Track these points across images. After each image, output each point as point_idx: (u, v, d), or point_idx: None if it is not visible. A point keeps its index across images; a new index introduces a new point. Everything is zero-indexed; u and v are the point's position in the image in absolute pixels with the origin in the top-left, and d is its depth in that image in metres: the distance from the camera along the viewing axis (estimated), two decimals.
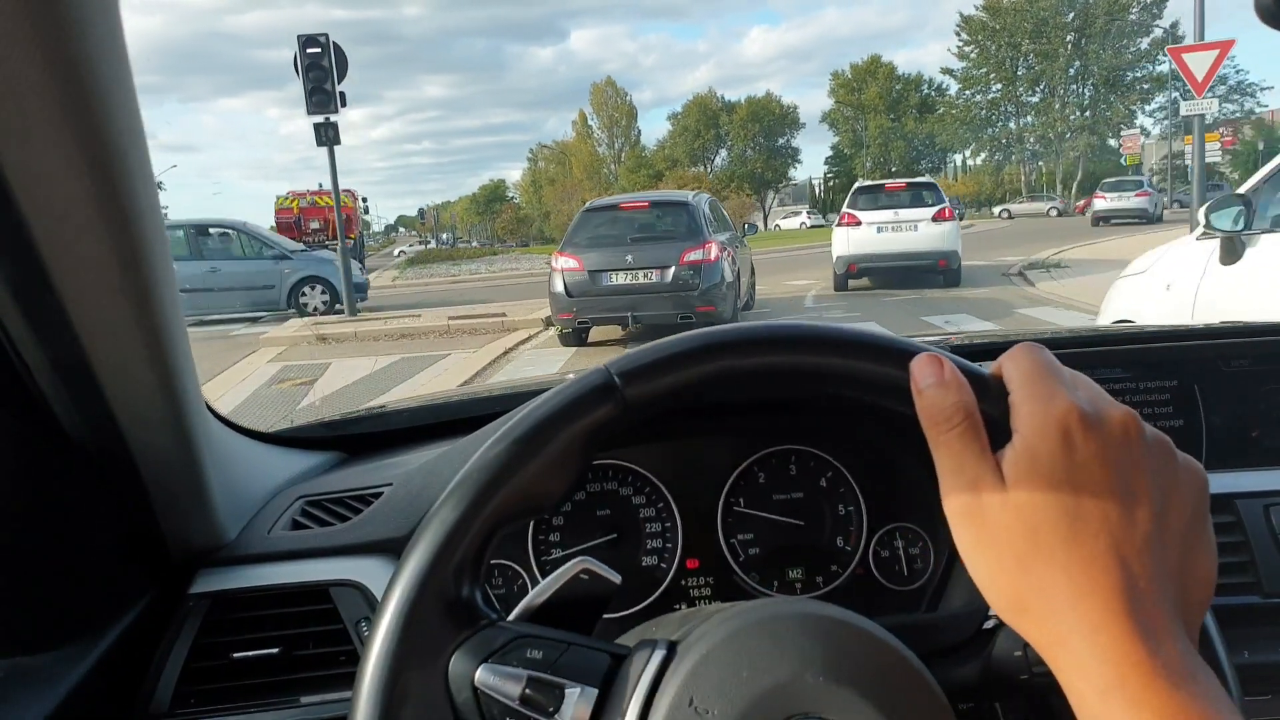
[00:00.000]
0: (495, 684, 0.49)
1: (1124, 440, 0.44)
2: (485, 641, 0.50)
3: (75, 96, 0.47)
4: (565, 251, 9.22)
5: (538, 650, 0.50)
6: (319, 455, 1.15)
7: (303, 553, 0.90)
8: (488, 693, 0.49)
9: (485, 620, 0.51)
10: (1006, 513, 0.44)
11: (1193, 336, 1.10)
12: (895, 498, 1.00)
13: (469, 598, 0.51)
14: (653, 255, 8.91)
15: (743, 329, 0.54)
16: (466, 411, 1.20)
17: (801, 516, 1.00)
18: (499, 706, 0.49)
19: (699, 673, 0.47)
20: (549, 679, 0.49)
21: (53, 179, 0.50)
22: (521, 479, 0.51)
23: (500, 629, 0.51)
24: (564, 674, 0.49)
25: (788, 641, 0.48)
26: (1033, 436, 0.44)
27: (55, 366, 0.62)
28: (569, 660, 0.50)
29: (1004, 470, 0.44)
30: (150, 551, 0.84)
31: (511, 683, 0.48)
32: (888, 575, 0.99)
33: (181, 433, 0.74)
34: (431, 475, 0.94)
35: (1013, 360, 0.48)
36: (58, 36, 0.45)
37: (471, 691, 0.49)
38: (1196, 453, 0.98)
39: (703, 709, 0.45)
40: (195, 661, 0.83)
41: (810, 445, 1.01)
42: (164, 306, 0.63)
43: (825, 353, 0.53)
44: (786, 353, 0.53)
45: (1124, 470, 0.44)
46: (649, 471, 1.00)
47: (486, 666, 0.49)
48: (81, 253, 0.54)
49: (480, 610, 0.52)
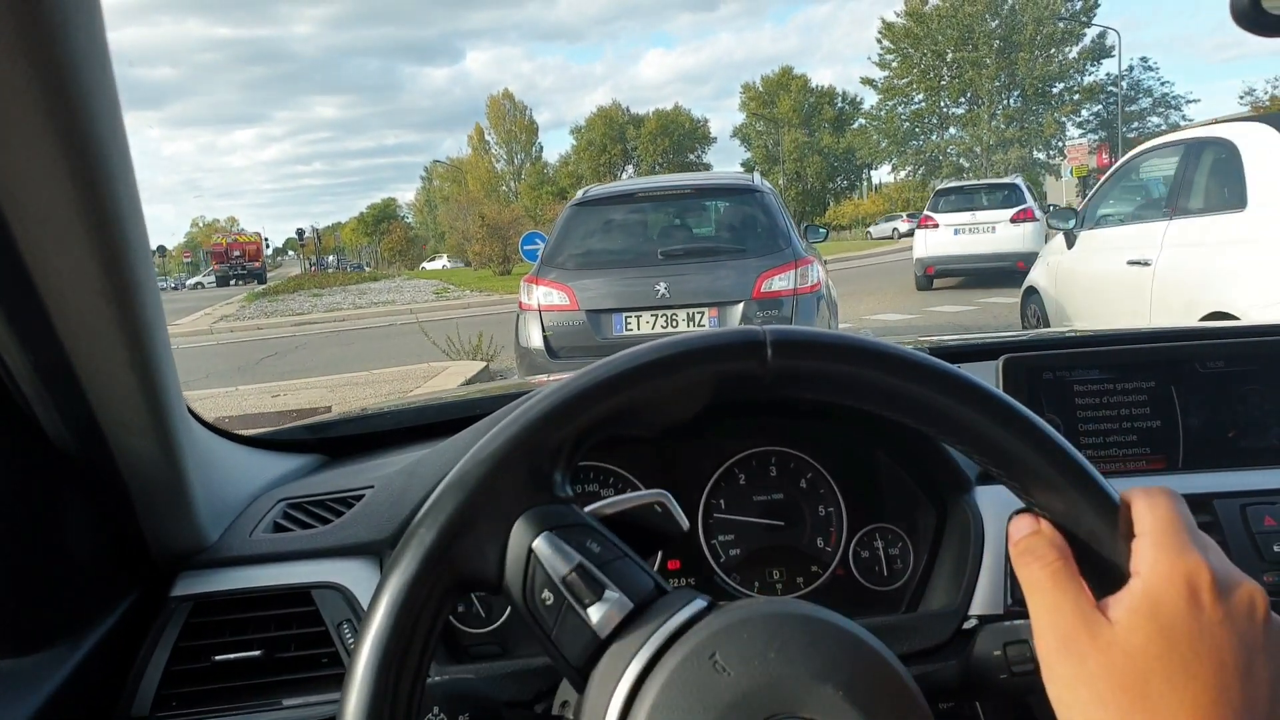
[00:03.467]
0: (549, 556, 0.50)
1: (1250, 615, 0.43)
2: (555, 515, 0.51)
3: (57, 100, 0.47)
4: (544, 277, 5.10)
5: (597, 545, 0.51)
6: (301, 458, 1.15)
7: (284, 555, 0.89)
8: (539, 560, 0.50)
9: (563, 497, 0.52)
10: (1113, 655, 0.43)
11: (1169, 338, 1.11)
12: (875, 499, 1.01)
13: (556, 473, 0.52)
14: (705, 283, 4.84)
15: (901, 350, 0.53)
16: (448, 414, 1.19)
17: (782, 517, 1.01)
18: (542, 578, 0.50)
19: (730, 634, 0.48)
20: (597, 574, 0.50)
21: (34, 182, 0.50)
22: (643, 392, 0.52)
23: (572, 510, 0.52)
24: (611, 577, 0.50)
25: (820, 647, 0.48)
26: (1158, 585, 0.43)
27: (36, 369, 0.61)
28: (620, 568, 0.51)
29: (1112, 611, 0.44)
30: (132, 554, 0.83)
31: (563, 561, 0.50)
32: (867, 576, 1.00)
33: (163, 435, 0.73)
34: (413, 477, 0.95)
35: (1148, 503, 0.47)
36: (39, 39, 0.45)
37: (525, 553, 0.50)
38: (1173, 454, 1.00)
39: (721, 667, 0.47)
40: (177, 664, 0.83)
41: (790, 447, 1.02)
42: (145, 309, 0.63)
43: (963, 399, 0.52)
44: (920, 384, 0.52)
45: (1248, 646, 0.43)
46: (630, 473, 1.01)
47: (548, 535, 0.50)
48: (63, 255, 0.54)
49: (560, 487, 0.52)
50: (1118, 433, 1.01)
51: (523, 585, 0.50)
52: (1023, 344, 1.22)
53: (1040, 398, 1.01)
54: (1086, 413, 1.01)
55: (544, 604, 0.50)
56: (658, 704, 0.46)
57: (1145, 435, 1.01)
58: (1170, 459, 1.00)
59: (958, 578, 0.89)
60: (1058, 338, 1.30)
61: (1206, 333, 1.17)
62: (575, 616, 0.50)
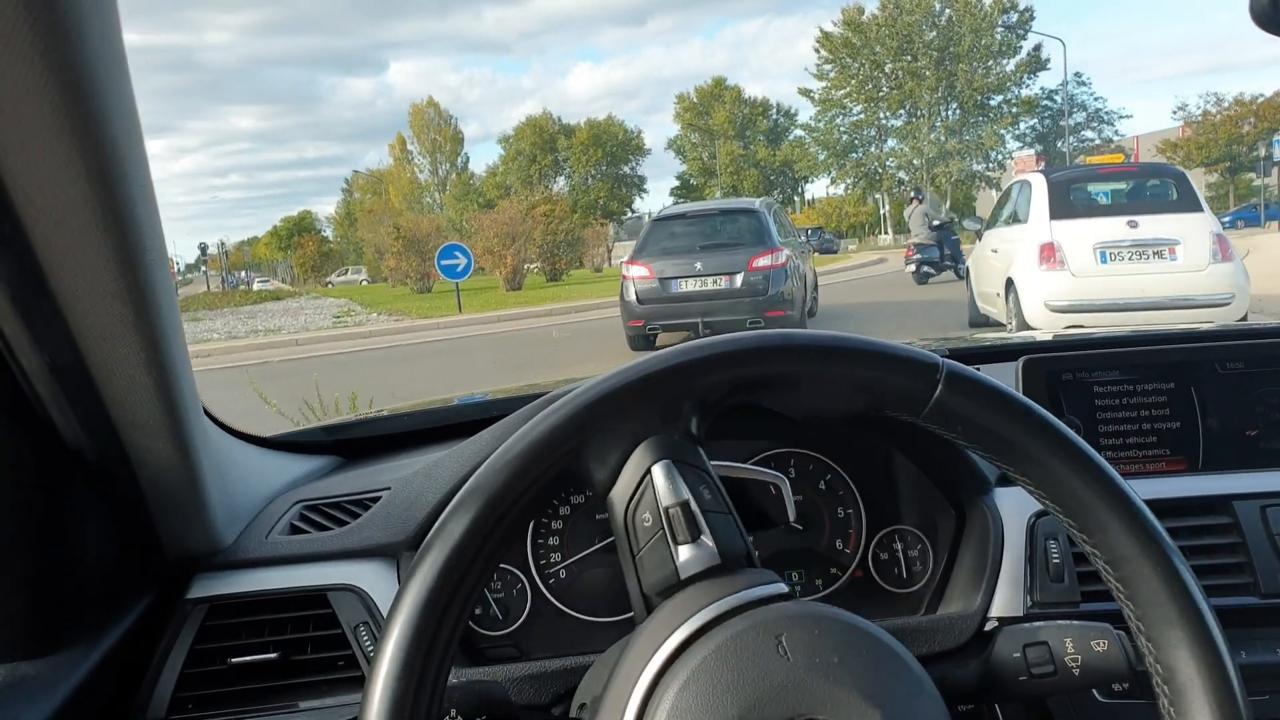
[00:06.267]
0: (662, 483, 0.50)
1: None
2: (681, 449, 0.52)
3: (73, 100, 0.47)
4: (636, 260, 9.29)
5: (709, 492, 0.52)
6: (317, 459, 1.14)
7: (301, 557, 0.89)
8: (653, 484, 0.50)
9: (695, 435, 0.53)
10: None
11: (1189, 339, 1.10)
12: (894, 501, 1.01)
13: (694, 416, 0.53)
14: (722, 262, 8.87)
15: (1065, 431, 0.53)
16: (464, 416, 1.19)
17: (801, 520, 1.00)
18: (649, 500, 0.51)
19: (803, 625, 0.48)
20: (699, 518, 0.50)
21: (50, 183, 0.50)
22: (809, 368, 0.53)
23: (699, 452, 0.53)
24: (712, 526, 0.51)
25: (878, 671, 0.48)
26: None
27: (52, 371, 0.61)
28: (722, 522, 0.52)
29: None
30: (147, 556, 0.83)
31: (673, 493, 0.50)
32: (887, 578, 1.00)
33: (178, 437, 0.73)
34: (431, 479, 0.94)
35: None
36: (55, 40, 0.45)
37: (643, 471, 0.51)
38: (1193, 455, 0.99)
39: (784, 650, 0.47)
40: (193, 666, 0.83)
41: (809, 449, 1.02)
42: (161, 310, 0.62)
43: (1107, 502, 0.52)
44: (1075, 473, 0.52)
45: None
46: None
47: (668, 463, 0.51)
48: (78, 256, 0.54)
49: (695, 426, 0.53)
50: (1137, 434, 1.00)
51: (629, 499, 0.51)
52: (1042, 345, 1.22)
53: (1060, 399, 1.00)
54: (1106, 414, 1.00)
55: (642, 524, 0.51)
56: (710, 658, 0.46)
57: (1165, 436, 1.00)
58: (1190, 460, 1.00)
59: (977, 580, 0.89)
60: (1077, 339, 1.28)
61: (1226, 334, 1.15)
62: (664, 548, 0.50)
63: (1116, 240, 6.89)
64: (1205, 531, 0.93)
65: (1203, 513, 0.94)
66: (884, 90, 50.76)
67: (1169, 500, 0.93)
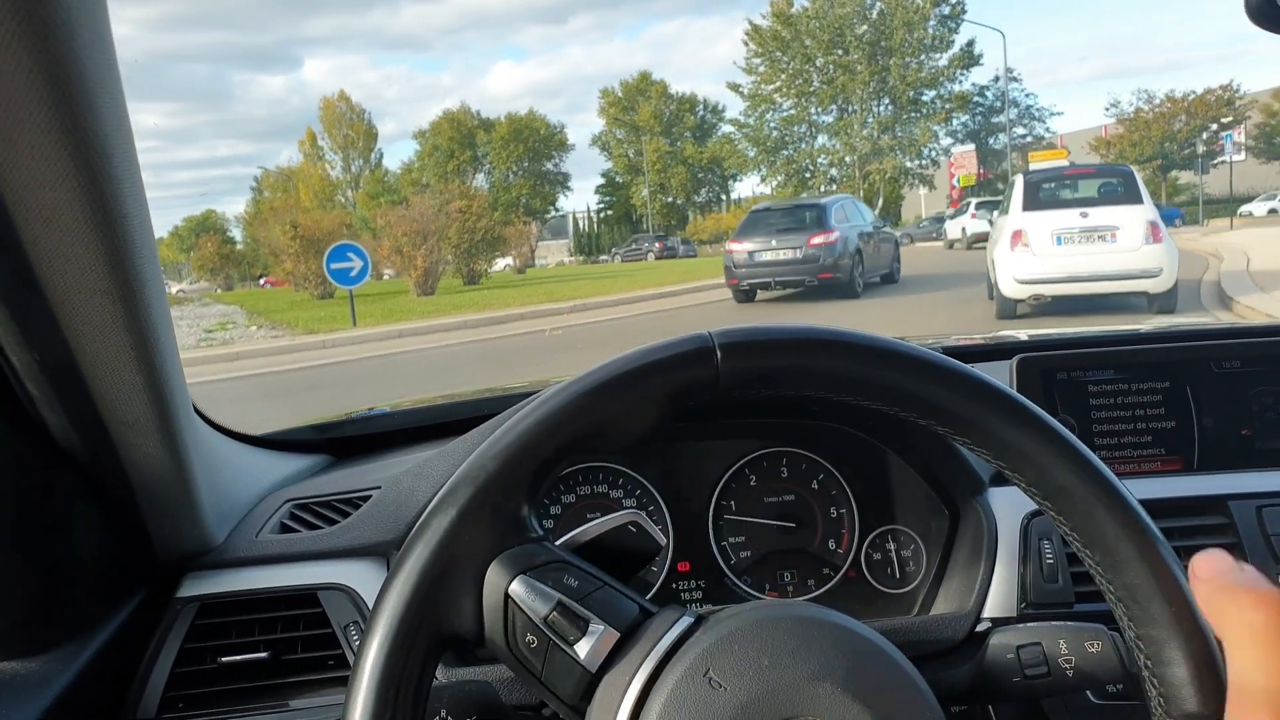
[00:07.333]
0: (526, 598, 0.49)
1: None
2: (527, 555, 0.50)
3: (62, 99, 0.47)
4: (736, 239, 13.58)
5: (574, 579, 0.50)
6: (307, 458, 1.14)
7: (291, 556, 0.89)
8: (518, 604, 0.49)
9: (533, 536, 0.51)
10: None
11: (1184, 338, 1.10)
12: (887, 500, 1.00)
13: (523, 512, 0.51)
14: (789, 240, 12.92)
15: (843, 332, 0.53)
16: (455, 414, 1.18)
17: (793, 519, 1.00)
18: (523, 621, 0.49)
19: (722, 648, 0.47)
20: (578, 609, 0.49)
21: (40, 181, 0.50)
22: (598, 415, 0.51)
23: (544, 548, 0.51)
24: (593, 609, 0.49)
25: (815, 646, 0.48)
26: None
27: (42, 369, 0.61)
28: (601, 598, 0.50)
29: None
30: (138, 555, 0.83)
31: (542, 601, 0.49)
32: (880, 578, 0.99)
33: (169, 435, 0.72)
34: (421, 478, 0.93)
35: None
36: (44, 38, 0.44)
37: (502, 599, 0.49)
38: (1189, 455, 1.00)
39: (717, 683, 0.46)
40: (183, 665, 0.83)
41: (801, 448, 1.01)
42: (150, 308, 0.62)
43: (924, 377, 0.51)
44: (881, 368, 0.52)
45: None
46: (640, 474, 1.00)
47: (523, 578, 0.49)
48: (68, 254, 0.54)
49: (530, 526, 0.51)
50: (1132, 433, 1.00)
51: (504, 632, 0.49)
52: (1036, 344, 1.21)
53: (1055, 398, 1.00)
54: (1101, 413, 1.00)
55: (529, 648, 0.49)
56: None
57: (1160, 436, 1.00)
58: (1185, 460, 1.00)
59: (970, 580, 0.89)
60: (1071, 337, 1.28)
61: (1221, 333, 1.15)
62: (563, 655, 0.49)
63: (1069, 227, 8.72)
64: (1200, 532, 0.92)
65: (1198, 513, 0.94)
66: (815, 85, 49.33)
67: (1164, 500, 0.93)
